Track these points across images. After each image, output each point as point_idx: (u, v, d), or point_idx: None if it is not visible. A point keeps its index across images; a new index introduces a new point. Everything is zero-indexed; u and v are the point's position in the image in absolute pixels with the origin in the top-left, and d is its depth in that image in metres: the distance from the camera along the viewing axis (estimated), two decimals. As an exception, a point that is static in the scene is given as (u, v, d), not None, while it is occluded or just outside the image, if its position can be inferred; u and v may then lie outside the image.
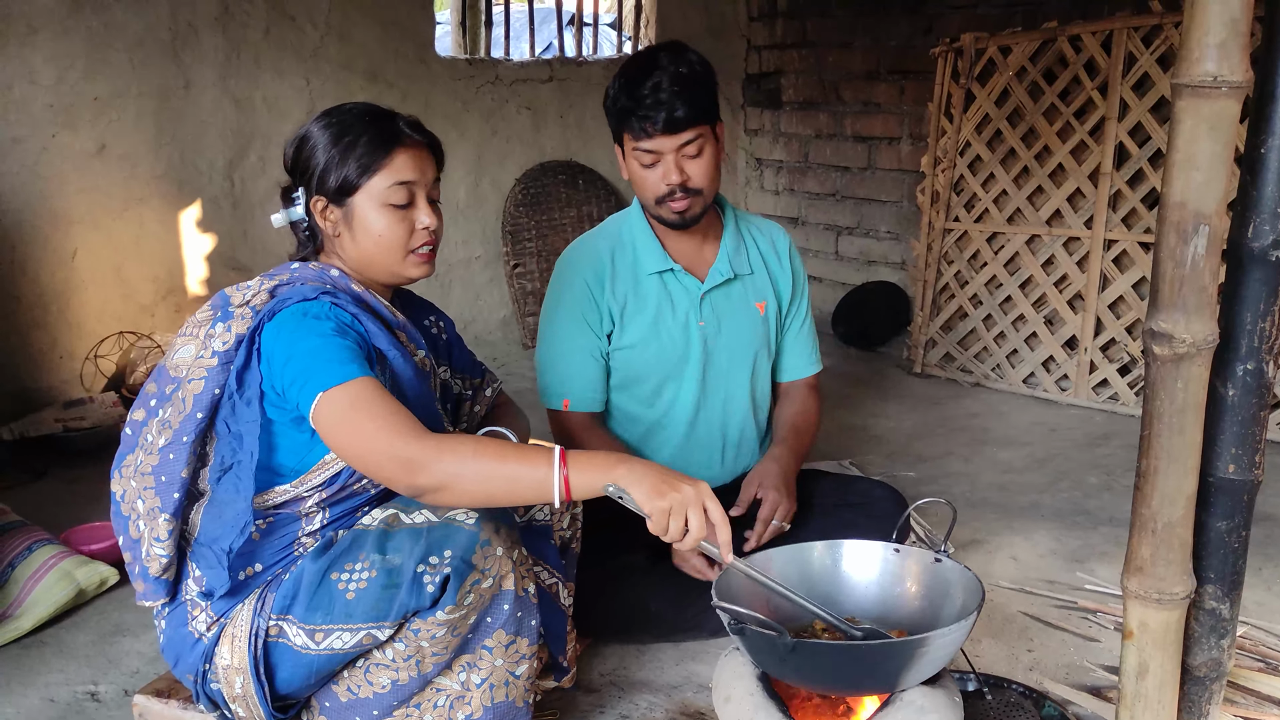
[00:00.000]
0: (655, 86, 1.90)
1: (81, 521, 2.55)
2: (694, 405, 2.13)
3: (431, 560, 1.47)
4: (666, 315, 2.08)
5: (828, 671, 1.41)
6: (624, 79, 1.95)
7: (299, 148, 1.63)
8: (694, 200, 1.98)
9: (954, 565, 1.56)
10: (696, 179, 1.96)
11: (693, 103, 1.90)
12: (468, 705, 1.58)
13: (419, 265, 1.65)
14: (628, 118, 1.93)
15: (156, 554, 1.60)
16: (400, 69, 4.03)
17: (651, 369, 2.10)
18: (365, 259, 1.63)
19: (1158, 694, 1.51)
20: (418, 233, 1.62)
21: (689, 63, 1.94)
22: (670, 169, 1.94)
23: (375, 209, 1.59)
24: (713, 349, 2.10)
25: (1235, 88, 1.30)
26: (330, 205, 1.61)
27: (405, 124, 1.63)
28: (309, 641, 1.53)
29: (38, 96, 3.21)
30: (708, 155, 1.96)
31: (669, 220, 2.01)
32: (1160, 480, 1.44)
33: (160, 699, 1.76)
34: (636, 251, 2.09)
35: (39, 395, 3.31)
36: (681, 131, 1.91)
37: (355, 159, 1.58)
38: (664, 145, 1.93)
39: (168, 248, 3.59)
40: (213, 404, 1.56)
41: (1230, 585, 1.54)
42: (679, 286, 2.09)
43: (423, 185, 1.62)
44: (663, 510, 1.40)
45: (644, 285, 2.08)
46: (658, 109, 1.89)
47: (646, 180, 1.98)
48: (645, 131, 1.92)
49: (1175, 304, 1.39)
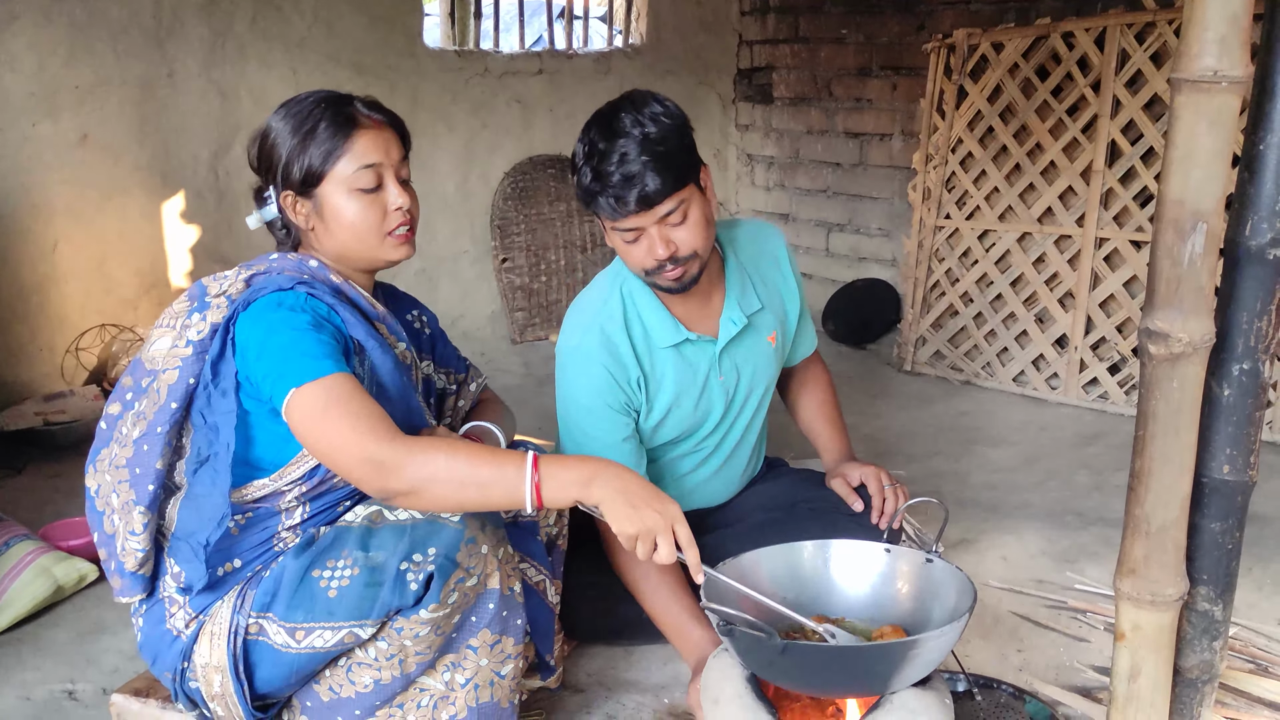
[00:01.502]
0: (621, 159, 1.69)
1: (61, 517, 2.52)
2: (714, 446, 2.07)
3: (415, 558, 1.44)
4: (688, 382, 1.96)
5: (818, 673, 1.40)
6: (586, 149, 1.74)
7: (261, 144, 1.60)
8: (688, 265, 1.80)
9: (945, 566, 1.54)
10: (686, 246, 1.77)
11: (666, 169, 1.70)
12: (452, 705, 1.56)
13: (398, 247, 1.61)
14: (596, 199, 1.74)
15: (133, 548, 1.57)
16: (388, 60, 3.99)
17: (677, 432, 2.01)
18: (342, 248, 1.60)
19: (1150, 696, 1.50)
20: (391, 214, 1.59)
21: (654, 119, 1.72)
22: (655, 243, 1.75)
23: (344, 196, 1.56)
24: (734, 397, 2.02)
25: (1235, 83, 1.28)
26: (299, 198, 1.58)
27: (363, 105, 1.59)
28: (290, 640, 1.51)
29: (18, 85, 3.16)
30: (694, 217, 1.77)
31: (665, 288, 1.85)
32: (1154, 481, 1.43)
33: (139, 698, 1.73)
34: (645, 326, 1.92)
35: (18, 388, 3.26)
36: (658, 205, 1.72)
37: (316, 146, 1.54)
38: (643, 221, 1.74)
39: (151, 240, 3.55)
40: (188, 394, 1.53)
41: (1223, 587, 1.52)
42: (696, 352, 1.95)
43: (389, 165, 1.58)
44: (631, 537, 1.40)
45: (660, 358, 1.93)
46: (628, 187, 1.69)
47: (632, 255, 1.80)
48: (619, 212, 1.73)
49: (1172, 303, 1.37)
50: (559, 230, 4.42)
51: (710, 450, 2.06)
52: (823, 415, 2.19)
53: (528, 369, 4.00)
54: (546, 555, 1.77)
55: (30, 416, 3.09)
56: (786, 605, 1.57)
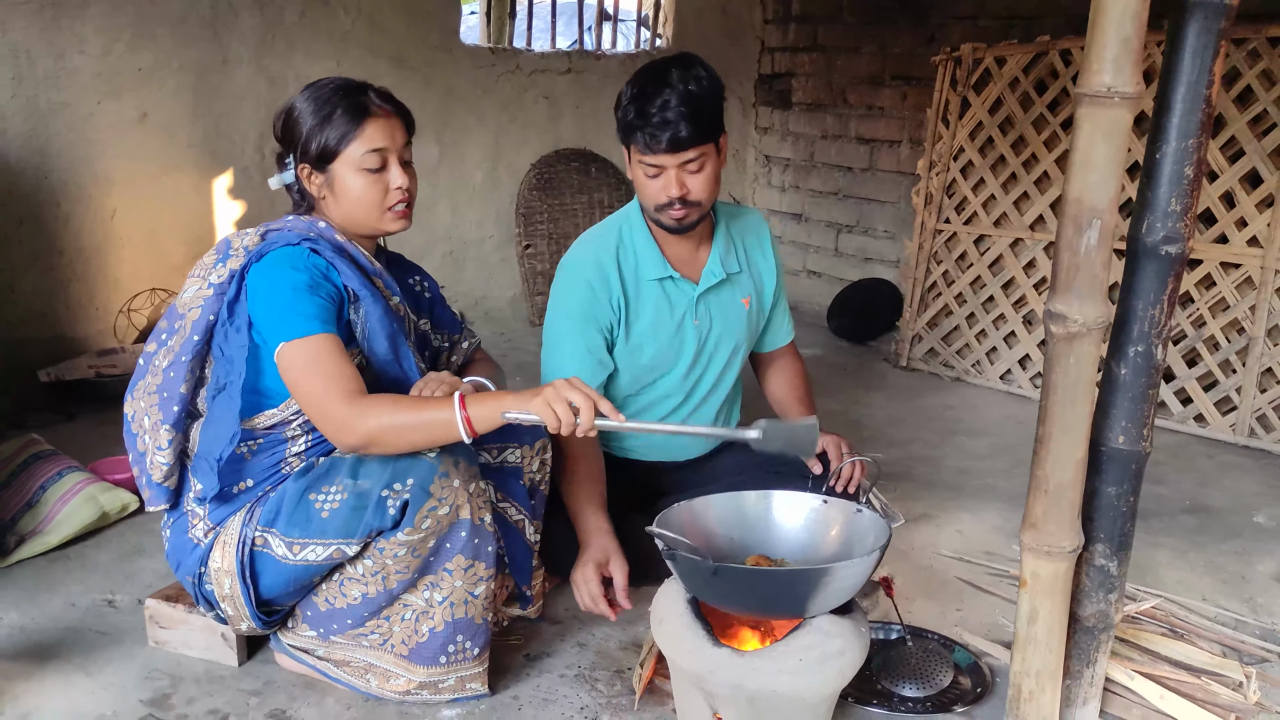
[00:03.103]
0: (663, 105, 1.98)
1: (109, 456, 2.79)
2: (685, 394, 2.31)
3: (395, 486, 1.68)
4: (665, 317, 2.23)
5: (744, 595, 1.60)
6: (635, 91, 2.03)
7: (286, 119, 1.84)
8: (691, 210, 2.08)
9: (871, 515, 1.75)
10: (696, 192, 2.06)
11: (698, 123, 1.99)
12: (430, 619, 1.79)
13: (395, 220, 1.85)
14: (635, 132, 2.02)
15: (159, 462, 1.83)
16: (425, 55, 4.25)
17: (648, 365, 2.26)
18: (347, 217, 1.85)
19: (1046, 638, 1.69)
20: (392, 192, 1.83)
21: (698, 80, 2.01)
22: (671, 182, 2.04)
23: (352, 173, 1.80)
24: (705, 343, 2.27)
25: (1127, 98, 1.48)
26: (314, 171, 1.83)
27: (376, 95, 1.84)
28: (288, 553, 1.75)
29: (86, 65, 3.46)
30: (709, 170, 2.06)
31: (667, 225, 2.12)
32: (1054, 446, 1.62)
33: (169, 603, 1.99)
34: (638, 256, 2.20)
35: (75, 344, 3.56)
36: (685, 150, 2.01)
37: (332, 129, 1.79)
38: (667, 161, 2.02)
39: (200, 213, 3.84)
40: (208, 329, 1.80)
41: (1118, 545, 1.71)
42: (676, 290, 2.23)
43: (394, 150, 1.82)
44: (543, 405, 1.59)
45: (644, 289, 2.21)
46: (664, 129, 1.98)
47: (648, 188, 2.08)
48: (650, 148, 2.01)
49: (1071, 288, 1.57)
50: (580, 220, 4.65)
51: (681, 399, 2.30)
52: (793, 394, 2.42)
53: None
54: (529, 498, 1.99)
55: (83, 369, 3.38)
56: (733, 546, 1.80)
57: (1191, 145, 1.54)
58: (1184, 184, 1.57)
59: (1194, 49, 1.51)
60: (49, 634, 2.04)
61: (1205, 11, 1.50)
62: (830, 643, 1.59)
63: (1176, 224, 1.58)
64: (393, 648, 1.82)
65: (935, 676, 1.91)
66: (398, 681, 1.82)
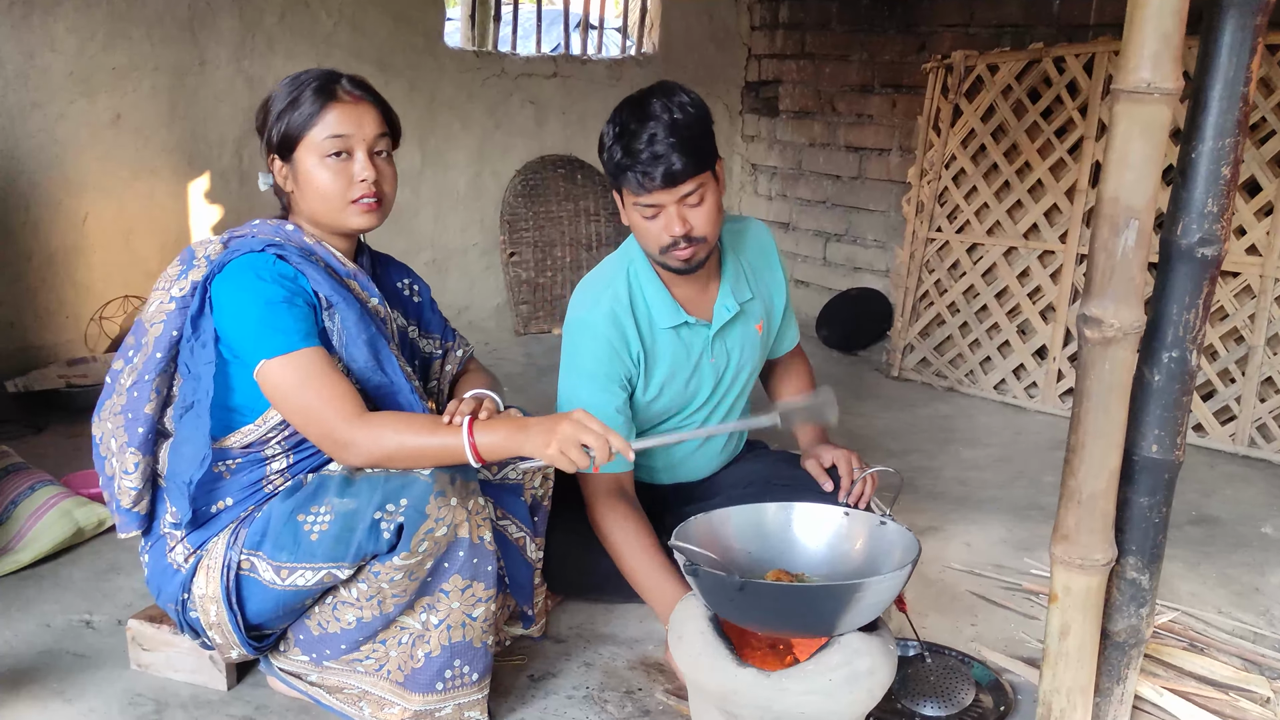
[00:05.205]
0: (650, 139, 1.84)
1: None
2: (700, 424, 2.20)
3: (388, 508, 1.59)
4: (681, 361, 2.11)
5: (771, 612, 1.53)
6: (617, 129, 1.89)
7: (261, 109, 1.76)
8: (699, 247, 1.94)
9: (896, 528, 1.68)
10: (700, 228, 1.92)
11: (690, 152, 1.85)
12: (427, 643, 1.69)
13: (360, 214, 1.73)
14: (624, 173, 1.88)
15: (127, 486, 1.73)
16: (409, 59, 4.17)
17: (663, 409, 2.16)
18: (313, 211, 1.74)
19: (1078, 654, 1.63)
20: (356, 184, 1.71)
21: (682, 107, 1.88)
22: (673, 220, 1.89)
23: (315, 161, 1.70)
24: (722, 379, 2.18)
25: (1166, 94, 1.43)
26: (282, 162, 1.74)
27: (348, 82, 1.74)
28: (275, 577, 1.65)
29: (59, 64, 3.34)
30: (710, 201, 1.92)
31: (674, 268, 1.99)
32: (1086, 454, 1.57)
33: (153, 624, 1.88)
34: (649, 304, 2.07)
35: (44, 353, 3.43)
36: (681, 184, 1.87)
37: (296, 113, 1.69)
38: (664, 199, 1.88)
39: (175, 218, 3.72)
40: (171, 345, 1.70)
41: (1150, 557, 1.66)
42: (691, 334, 2.11)
43: (360, 139, 1.71)
44: (557, 455, 1.54)
45: (659, 338, 2.08)
46: (655, 164, 1.84)
47: (649, 231, 1.94)
48: (644, 187, 1.87)
49: (1106, 292, 1.52)
50: (566, 228, 4.57)
51: (696, 427, 2.20)
52: (801, 391, 2.34)
53: (530, 359, 4.14)
54: (530, 515, 1.90)
55: (53, 379, 3.25)
56: (751, 560, 1.72)
57: (1228, 144, 1.50)
58: (1220, 184, 1.51)
59: (1231, 45, 1.46)
60: (23, 657, 1.93)
61: (1242, 9, 1.46)
62: (859, 661, 1.52)
63: (1213, 225, 1.53)
64: (388, 674, 1.72)
65: (956, 694, 1.85)
66: (393, 710, 1.72)
